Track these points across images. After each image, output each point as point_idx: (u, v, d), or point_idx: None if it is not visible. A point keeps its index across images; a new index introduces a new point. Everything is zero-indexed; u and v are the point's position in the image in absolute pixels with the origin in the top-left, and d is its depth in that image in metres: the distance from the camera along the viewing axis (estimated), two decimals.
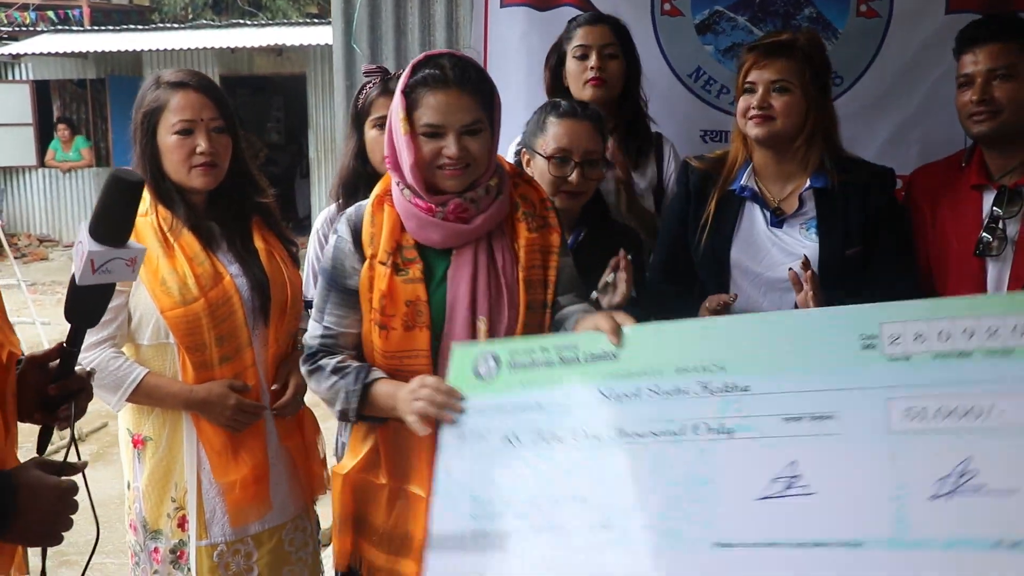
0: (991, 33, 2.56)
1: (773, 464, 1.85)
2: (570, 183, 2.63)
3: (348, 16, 3.84)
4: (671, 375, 1.97)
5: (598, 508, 1.96)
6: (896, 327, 1.85)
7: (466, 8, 3.79)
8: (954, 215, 2.62)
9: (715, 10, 3.62)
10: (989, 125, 2.54)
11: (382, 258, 2.22)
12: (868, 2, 3.54)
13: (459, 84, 2.16)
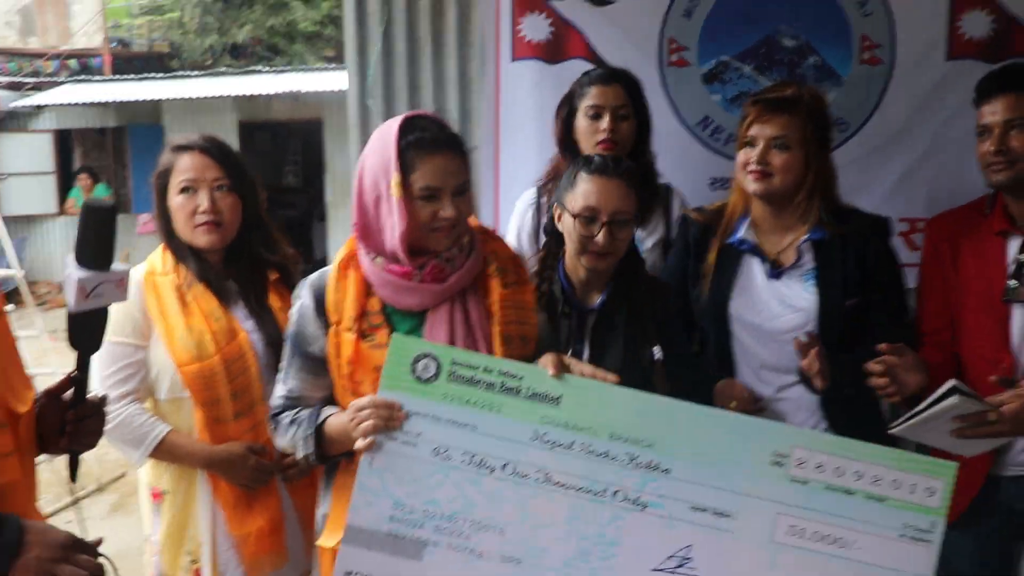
0: (1007, 84, 2.59)
1: (672, 543, 2.14)
2: (596, 243, 2.52)
3: (362, 72, 3.92)
4: (605, 439, 2.17)
5: (513, 542, 2.16)
6: (804, 453, 2.14)
7: (478, 63, 3.86)
8: (978, 261, 2.65)
9: (721, 60, 3.69)
10: (1007, 174, 2.57)
11: (348, 325, 2.24)
12: (871, 49, 3.61)
13: (451, 145, 2.22)
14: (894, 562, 2.12)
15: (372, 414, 2.12)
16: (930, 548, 2.12)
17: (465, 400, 2.17)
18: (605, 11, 3.68)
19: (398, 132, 2.20)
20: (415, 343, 2.19)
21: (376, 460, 2.15)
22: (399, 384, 2.16)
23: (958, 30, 3.54)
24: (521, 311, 2.34)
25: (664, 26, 3.68)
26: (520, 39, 3.74)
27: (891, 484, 2.13)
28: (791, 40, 3.66)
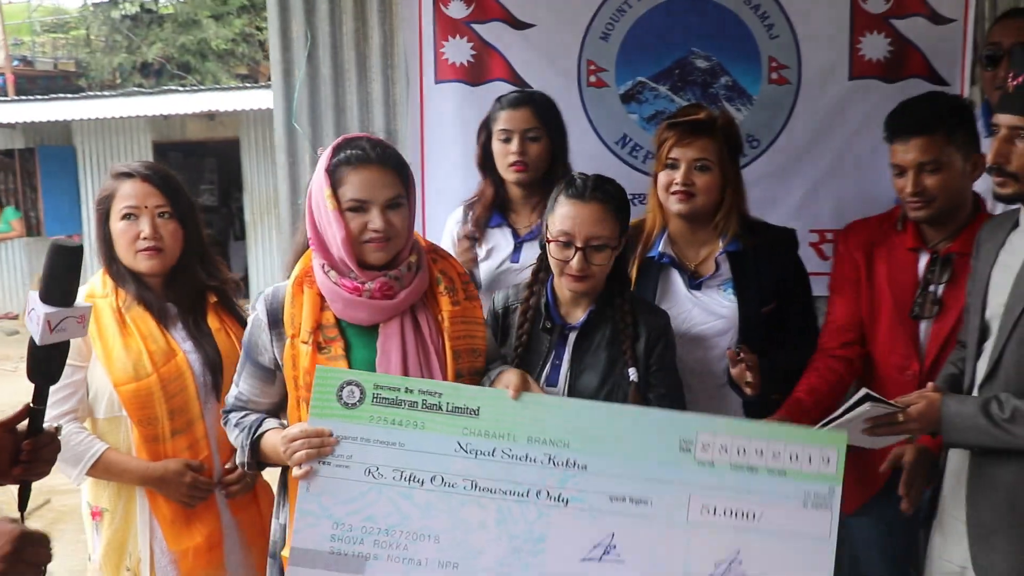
0: (917, 125, 2.68)
1: (596, 533, 2.29)
2: (571, 267, 2.58)
3: (288, 95, 3.98)
4: (523, 443, 2.32)
5: (448, 548, 2.30)
6: (708, 437, 2.32)
7: (402, 85, 3.95)
8: (891, 273, 2.81)
9: (638, 81, 3.83)
10: (926, 212, 2.71)
11: (304, 337, 2.36)
12: (779, 70, 3.78)
13: (380, 161, 2.34)
14: (799, 528, 2.30)
15: (304, 444, 2.25)
16: (830, 512, 2.31)
17: (390, 420, 2.31)
18: (525, 34, 3.80)
19: (332, 151, 2.36)
20: (339, 372, 2.32)
21: (313, 485, 2.28)
22: (327, 412, 2.29)
23: (858, 51, 3.73)
24: (470, 325, 2.47)
25: (583, 49, 3.81)
26: (443, 62, 3.84)
27: (789, 458, 2.31)
28: (704, 62, 3.81)
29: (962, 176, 2.70)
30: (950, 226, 2.76)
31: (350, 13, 3.99)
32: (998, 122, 2.36)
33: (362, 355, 2.39)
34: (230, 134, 13.33)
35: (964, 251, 2.69)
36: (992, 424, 2.27)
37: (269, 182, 12.35)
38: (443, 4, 3.81)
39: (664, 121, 3.01)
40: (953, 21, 3.68)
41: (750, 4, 3.76)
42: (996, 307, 2.42)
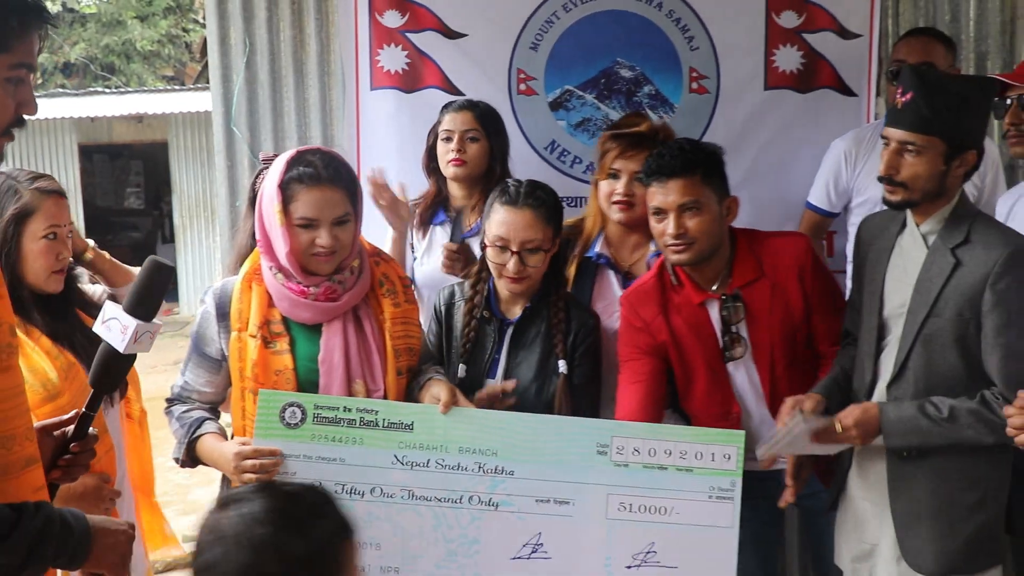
0: (677, 167, 2.68)
1: (524, 533, 2.48)
2: (507, 270, 2.72)
3: (227, 100, 4.03)
4: (455, 453, 2.49)
5: (389, 554, 2.46)
6: (622, 440, 2.53)
7: (339, 91, 4.02)
8: (691, 330, 2.81)
9: (566, 89, 3.94)
10: (688, 255, 2.71)
11: (252, 332, 2.47)
12: (699, 80, 3.93)
13: (331, 181, 2.45)
14: (705, 520, 2.53)
15: (255, 466, 2.38)
16: (732, 504, 2.55)
17: (331, 438, 2.46)
18: (458, 43, 3.89)
19: (285, 165, 2.46)
20: (281, 395, 2.45)
21: None
22: (271, 433, 2.43)
23: (773, 63, 3.91)
24: (409, 326, 2.63)
25: (513, 58, 3.92)
26: (378, 69, 3.91)
27: (695, 456, 2.54)
28: (628, 71, 3.95)
29: (719, 219, 2.73)
30: (718, 265, 2.79)
31: (288, 21, 4.05)
32: (888, 136, 2.52)
33: (306, 350, 2.52)
34: (158, 136, 13.21)
35: (743, 283, 2.77)
36: (934, 423, 2.43)
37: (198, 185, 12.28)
38: (378, 13, 3.88)
39: (607, 131, 3.15)
40: (860, 36, 3.88)
41: (672, 17, 3.91)
42: (894, 308, 2.57)
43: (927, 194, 2.50)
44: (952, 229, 2.51)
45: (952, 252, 2.48)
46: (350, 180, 2.52)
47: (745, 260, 2.78)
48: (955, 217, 2.52)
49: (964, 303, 2.44)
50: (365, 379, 2.54)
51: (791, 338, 2.78)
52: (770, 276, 2.76)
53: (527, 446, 2.53)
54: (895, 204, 2.55)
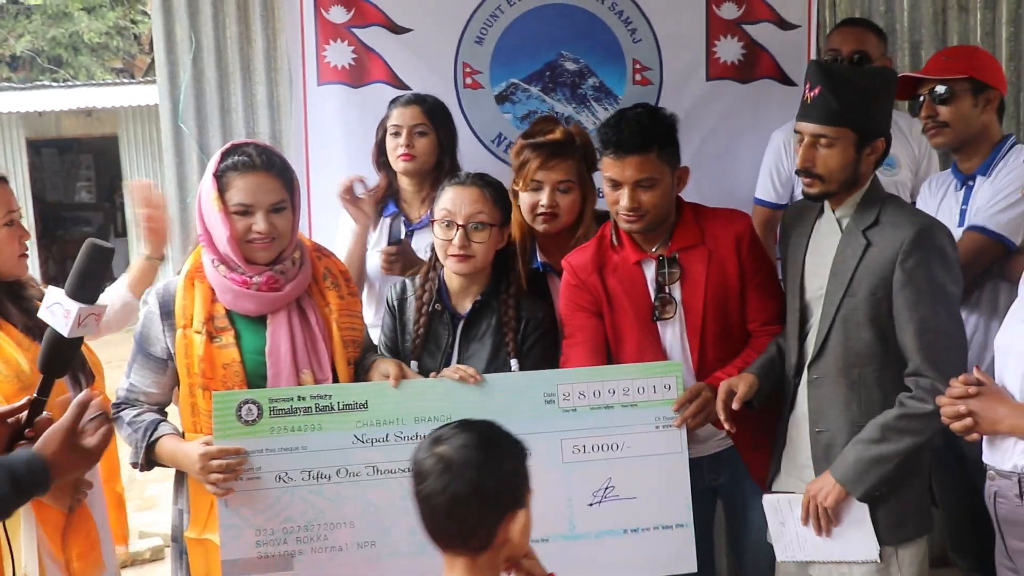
0: (634, 144, 2.68)
1: None
2: (453, 245, 2.73)
3: (174, 97, 3.98)
4: (411, 423, 2.52)
5: (363, 530, 2.49)
6: (567, 387, 2.60)
7: (285, 87, 3.99)
8: (624, 288, 2.83)
9: (511, 82, 3.95)
10: (639, 225, 2.74)
11: (197, 327, 2.47)
12: (642, 72, 3.96)
13: (265, 168, 2.46)
14: (656, 449, 2.64)
15: (221, 466, 2.38)
16: (679, 430, 2.65)
17: (290, 428, 2.47)
18: (403, 38, 3.88)
19: (220, 157, 2.48)
20: (234, 394, 2.45)
21: (231, 500, 2.42)
22: (230, 432, 2.43)
23: (714, 55, 3.95)
24: (353, 318, 2.64)
25: (458, 52, 3.92)
26: (325, 64, 3.89)
27: (637, 391, 2.64)
28: (573, 64, 3.97)
29: (670, 190, 2.77)
30: (661, 231, 2.82)
31: (233, 17, 4.00)
32: (801, 130, 2.58)
33: (252, 343, 2.52)
34: (108, 130, 13.03)
35: (683, 246, 2.80)
36: (875, 450, 2.49)
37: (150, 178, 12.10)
38: (324, 9, 3.85)
39: (522, 140, 3.13)
40: (798, 27, 3.93)
41: (614, 10, 3.93)
42: (815, 291, 2.65)
43: (843, 184, 2.57)
44: (864, 212, 2.59)
45: (863, 234, 2.56)
46: (284, 169, 2.53)
47: (687, 227, 2.82)
48: (866, 201, 2.60)
49: (877, 282, 2.52)
50: (313, 368, 2.55)
51: (723, 308, 2.81)
52: (709, 245, 2.80)
53: (478, 406, 2.55)
54: (814, 196, 2.62)
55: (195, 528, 2.53)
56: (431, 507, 1.81)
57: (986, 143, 3.10)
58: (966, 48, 3.63)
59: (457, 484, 1.78)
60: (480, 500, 1.79)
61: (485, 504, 1.80)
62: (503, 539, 1.82)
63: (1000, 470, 2.35)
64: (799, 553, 2.64)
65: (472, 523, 1.80)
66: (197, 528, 2.52)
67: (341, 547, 2.48)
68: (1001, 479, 2.35)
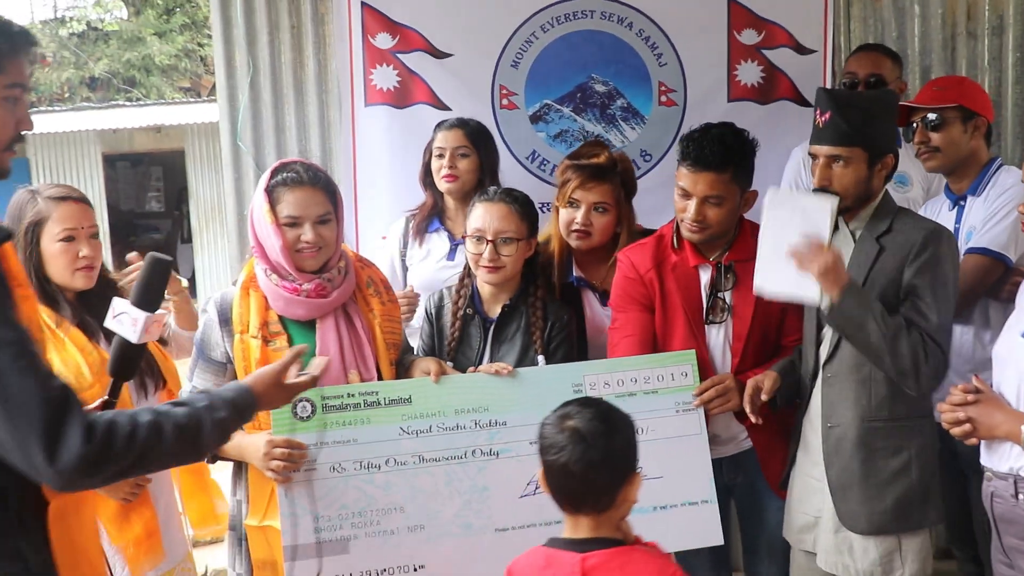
0: (711, 161, 2.74)
1: (527, 473, 2.60)
2: (484, 258, 2.82)
3: (233, 118, 4.13)
4: (452, 415, 2.63)
5: (413, 514, 2.59)
6: (592, 378, 2.69)
7: (335, 108, 4.11)
8: (680, 288, 2.88)
9: (544, 103, 4.06)
10: (700, 236, 2.82)
11: (253, 333, 2.58)
12: (667, 93, 4.05)
13: (312, 183, 2.58)
14: (677, 431, 2.72)
15: (283, 454, 2.49)
16: (697, 413, 2.74)
17: (341, 423, 2.58)
18: (444, 63, 4.01)
19: (270, 174, 2.60)
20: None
21: (288, 491, 2.54)
22: (287, 428, 2.55)
23: (735, 78, 4.04)
24: (393, 323, 2.76)
25: (495, 75, 4.03)
26: (372, 87, 4.02)
27: (657, 379, 2.74)
28: (602, 86, 4.07)
29: (736, 209, 2.83)
30: (721, 241, 2.88)
31: (288, 44, 4.14)
32: (815, 152, 2.66)
33: None
34: (175, 145, 13.30)
35: (740, 258, 2.84)
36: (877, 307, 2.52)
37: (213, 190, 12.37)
38: (371, 36, 3.99)
39: (568, 160, 3.19)
40: (814, 52, 4.01)
41: (641, 36, 4.03)
42: None
43: (858, 198, 2.66)
44: (877, 222, 2.67)
45: (876, 240, 2.64)
46: (328, 184, 2.65)
47: (745, 240, 2.87)
48: (879, 213, 2.69)
49: (888, 282, 2.60)
50: (359, 369, 2.65)
51: (767, 319, 2.87)
52: None
53: (512, 397, 2.67)
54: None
55: (255, 516, 2.62)
56: (567, 474, 1.98)
57: (975, 165, 3.18)
58: (955, 78, 3.66)
59: (592, 452, 1.96)
60: (611, 465, 1.99)
61: (615, 468, 2.00)
62: (624, 498, 2.01)
63: (997, 471, 2.40)
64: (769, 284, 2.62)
65: (603, 485, 1.99)
66: (257, 516, 2.62)
67: (393, 531, 2.58)
68: (998, 480, 2.40)
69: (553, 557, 2.04)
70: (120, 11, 17.82)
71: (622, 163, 3.18)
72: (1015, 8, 4.13)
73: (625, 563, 1.99)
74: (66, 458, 1.61)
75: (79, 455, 1.62)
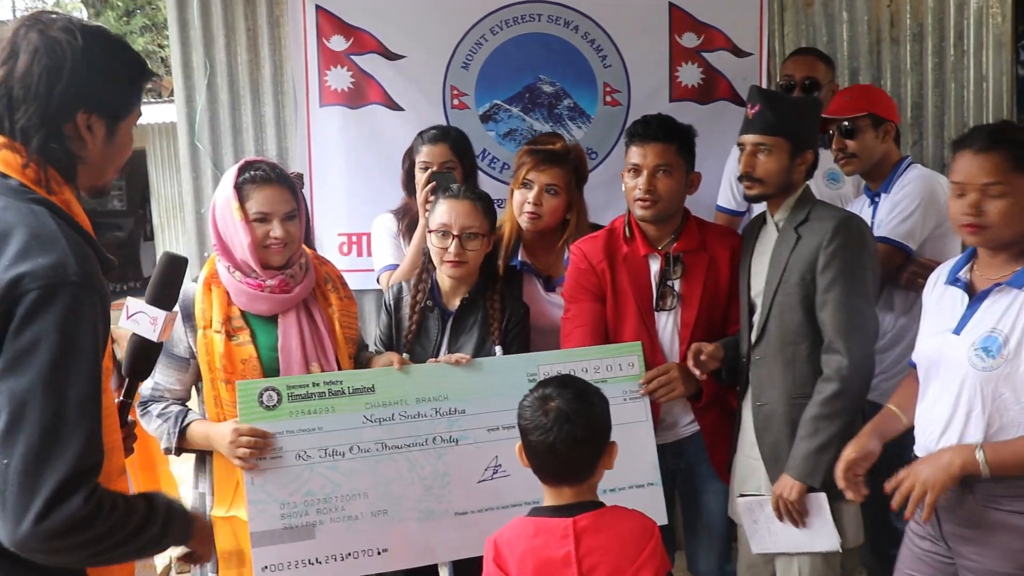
0: (659, 133, 2.79)
1: (484, 459, 2.61)
2: (449, 253, 2.79)
3: (191, 118, 4.03)
4: (413, 403, 2.60)
5: (376, 500, 2.55)
6: (547, 367, 2.67)
7: (291, 108, 4.04)
8: (631, 278, 2.86)
9: (494, 103, 4.03)
10: (651, 212, 2.80)
11: (216, 328, 2.52)
12: (612, 94, 4.04)
13: (278, 181, 2.53)
14: (625, 418, 2.67)
15: (250, 442, 2.44)
16: (643, 401, 2.75)
17: (306, 411, 2.53)
18: (397, 64, 3.95)
19: (237, 172, 2.54)
20: (256, 382, 2.52)
21: (256, 478, 2.49)
22: (253, 417, 2.49)
23: (677, 79, 4.04)
24: (350, 318, 2.72)
25: (447, 76, 3.99)
26: (327, 88, 3.96)
27: (606, 368, 2.73)
28: (550, 86, 4.04)
29: (683, 187, 2.84)
30: (668, 229, 2.87)
31: (244, 45, 4.05)
32: (743, 142, 2.72)
33: (266, 341, 2.58)
34: (137, 144, 12.98)
35: (687, 248, 2.85)
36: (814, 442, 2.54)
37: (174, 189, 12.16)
38: (325, 38, 3.93)
39: (526, 145, 3.19)
40: (751, 55, 4.02)
41: (587, 39, 4.01)
42: (757, 287, 2.74)
43: (779, 187, 2.70)
44: (796, 213, 2.71)
45: (795, 230, 2.68)
46: (292, 183, 2.61)
47: (691, 232, 2.88)
48: (799, 204, 2.73)
49: (804, 268, 2.62)
50: (320, 361, 2.61)
51: (713, 307, 2.87)
52: (709, 251, 2.87)
53: (471, 386, 2.66)
54: (753, 197, 2.75)
55: (221, 507, 2.57)
56: (554, 453, 2.04)
57: (888, 166, 3.26)
58: (862, 87, 3.72)
59: (577, 431, 2.03)
60: (593, 440, 2.06)
61: (597, 442, 2.07)
62: (603, 466, 2.11)
63: None
64: (771, 546, 2.70)
65: (587, 458, 2.07)
66: (223, 507, 2.57)
67: (356, 516, 2.55)
68: None
69: (542, 525, 2.06)
70: (80, 12, 17.40)
71: (576, 151, 3.17)
72: (933, 16, 4.21)
73: (612, 521, 2.06)
74: (56, 518, 1.49)
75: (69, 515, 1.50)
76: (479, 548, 2.60)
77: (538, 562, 2.02)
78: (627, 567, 2.01)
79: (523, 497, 2.62)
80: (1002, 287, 2.26)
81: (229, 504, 2.56)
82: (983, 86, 4.23)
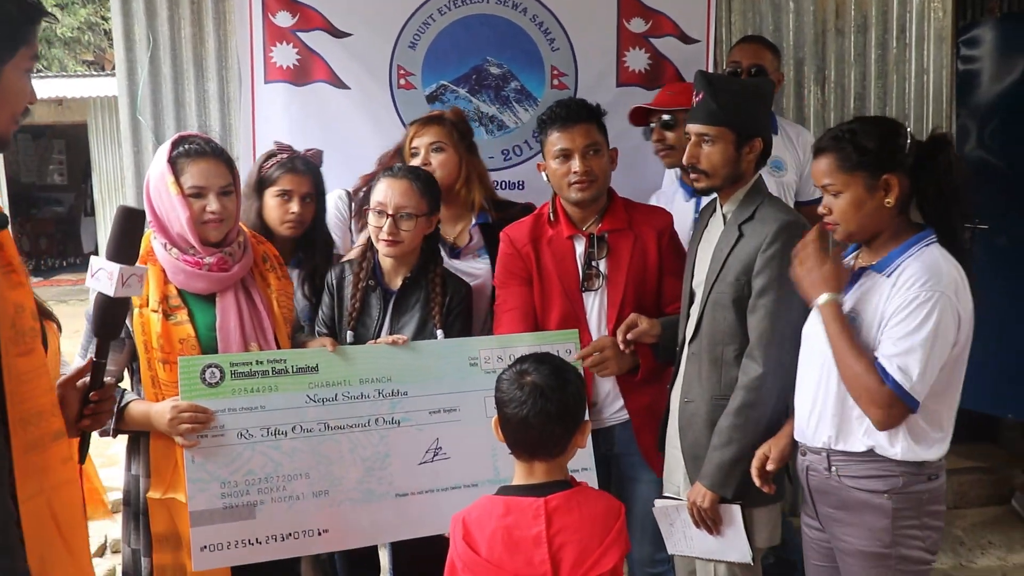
0: (581, 116, 2.81)
1: (425, 441, 2.63)
2: (384, 232, 2.78)
3: (132, 92, 3.95)
4: (357, 384, 2.60)
5: (317, 480, 2.55)
6: (487, 352, 2.70)
7: (235, 84, 3.98)
8: (555, 260, 2.88)
9: (441, 84, 4.00)
10: (590, 192, 2.80)
11: (153, 307, 2.47)
12: (559, 77, 4.03)
13: (214, 154, 2.49)
14: None
15: (191, 418, 2.41)
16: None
17: (249, 390, 2.51)
18: (344, 42, 3.90)
19: (170, 146, 2.49)
20: (198, 359, 2.48)
21: (196, 455, 2.45)
22: (195, 394, 2.46)
23: (624, 63, 4.04)
24: (288, 299, 2.69)
25: (393, 55, 3.95)
26: (272, 64, 3.90)
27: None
28: (497, 68, 4.02)
29: (608, 164, 2.86)
30: (594, 210, 2.88)
31: (188, 18, 3.98)
32: (688, 131, 2.65)
33: (204, 320, 2.53)
34: (78, 118, 12.79)
35: (612, 228, 2.86)
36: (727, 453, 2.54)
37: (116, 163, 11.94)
38: (271, 14, 3.86)
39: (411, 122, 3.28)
40: (698, 42, 4.04)
41: (535, 21, 3.99)
42: (699, 276, 2.71)
43: (727, 179, 2.64)
44: (744, 208, 2.64)
45: (739, 227, 2.62)
46: (227, 157, 2.57)
47: (617, 212, 2.89)
48: (747, 198, 2.65)
49: (741, 269, 2.57)
50: (259, 342, 2.58)
51: (641, 287, 2.87)
52: (635, 231, 2.87)
53: (414, 369, 2.67)
54: (700, 190, 2.70)
55: (158, 489, 2.52)
56: (527, 426, 2.06)
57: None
58: (686, 84, 3.69)
59: (550, 405, 2.05)
60: (565, 416, 2.08)
61: (570, 418, 2.09)
62: (576, 444, 2.13)
63: (811, 447, 2.41)
64: (685, 550, 2.71)
65: (560, 434, 2.08)
66: (160, 489, 2.51)
67: (298, 496, 2.54)
68: (812, 454, 2.41)
69: (512, 504, 2.07)
70: None
71: (453, 111, 3.29)
72: (877, 9, 4.26)
73: (582, 502, 2.08)
74: None
75: None
76: (418, 530, 2.63)
77: (509, 541, 2.03)
78: (595, 547, 2.03)
79: (463, 479, 2.64)
80: (868, 271, 2.33)
81: (166, 486, 2.51)
82: (924, 79, 4.30)
